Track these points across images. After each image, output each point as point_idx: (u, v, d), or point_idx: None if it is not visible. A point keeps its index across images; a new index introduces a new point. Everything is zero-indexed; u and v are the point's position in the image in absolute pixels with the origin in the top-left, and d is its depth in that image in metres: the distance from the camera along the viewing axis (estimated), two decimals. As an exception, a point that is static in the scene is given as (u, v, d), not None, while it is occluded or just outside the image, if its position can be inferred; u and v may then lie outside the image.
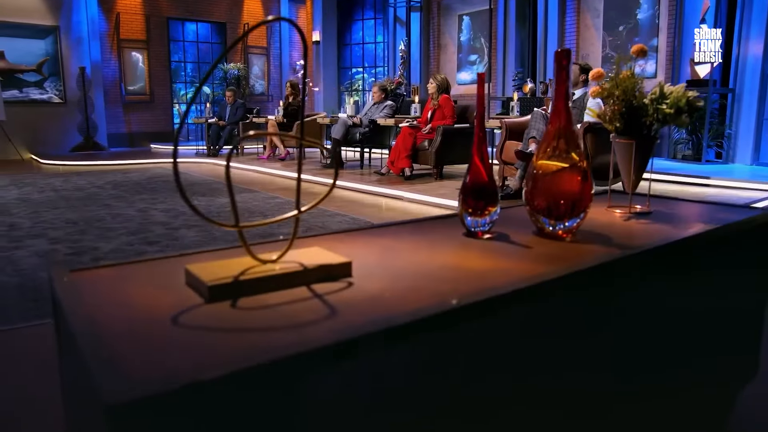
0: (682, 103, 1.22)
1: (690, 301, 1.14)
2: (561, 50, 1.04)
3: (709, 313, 1.21)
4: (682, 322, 1.14)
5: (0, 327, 2.23)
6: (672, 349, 1.10)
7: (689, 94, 1.25)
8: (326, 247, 0.94)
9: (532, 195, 1.07)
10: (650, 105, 1.25)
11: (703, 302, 1.19)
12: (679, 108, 1.22)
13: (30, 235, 3.87)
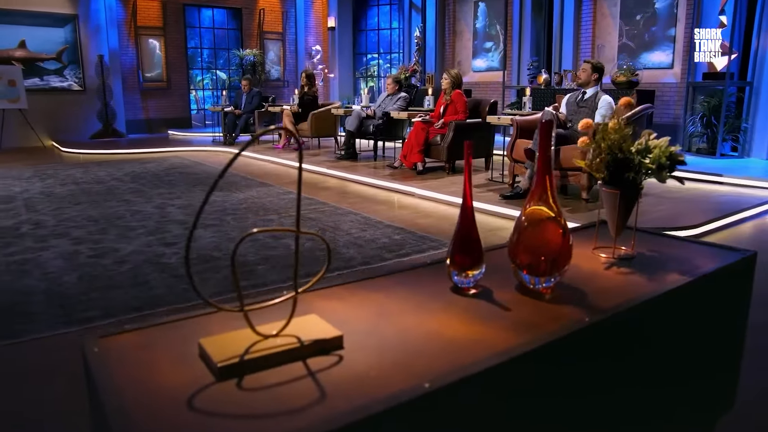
0: (663, 161, 1.29)
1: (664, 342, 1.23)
2: (545, 121, 1.12)
3: (686, 347, 1.30)
4: (658, 361, 1.23)
5: (29, 336, 2.38)
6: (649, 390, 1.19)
7: (672, 149, 1.31)
8: (324, 307, 1.03)
9: (515, 251, 1.15)
10: (635, 156, 1.32)
11: (679, 339, 1.27)
12: (661, 164, 1.29)
13: (54, 234, 4.03)
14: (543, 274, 1.13)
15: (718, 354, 1.41)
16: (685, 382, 1.30)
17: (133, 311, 2.62)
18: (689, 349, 1.28)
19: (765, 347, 2.34)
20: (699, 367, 1.35)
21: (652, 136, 1.37)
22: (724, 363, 1.44)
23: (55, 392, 1.98)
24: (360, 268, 3.25)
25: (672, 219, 4.12)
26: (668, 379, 1.23)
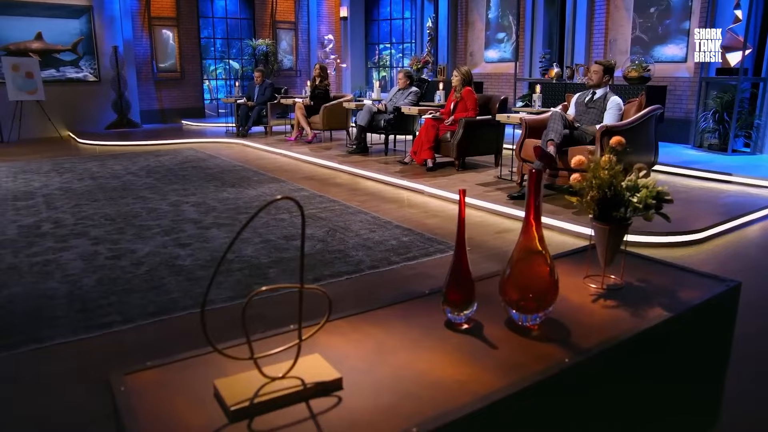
0: (649, 201, 1.35)
1: (645, 376, 1.31)
2: (535, 171, 1.19)
3: (668, 378, 1.38)
4: (639, 393, 1.31)
5: (53, 341, 2.50)
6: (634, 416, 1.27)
7: (660, 189, 1.38)
8: (327, 343, 1.12)
9: (505, 288, 1.23)
10: (625, 192, 1.39)
11: (660, 371, 1.35)
12: (647, 204, 1.36)
13: (73, 234, 4.16)
14: (530, 312, 1.21)
15: (701, 382, 1.48)
16: (666, 413, 1.39)
17: (150, 317, 2.74)
18: (671, 380, 1.36)
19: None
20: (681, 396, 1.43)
21: (641, 174, 1.44)
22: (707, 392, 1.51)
23: (76, 399, 2.10)
24: (367, 272, 3.34)
25: (678, 222, 4.15)
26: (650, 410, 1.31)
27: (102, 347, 2.47)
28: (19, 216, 4.72)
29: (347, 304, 2.86)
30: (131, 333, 2.59)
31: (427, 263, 3.50)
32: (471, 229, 4.27)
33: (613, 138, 1.49)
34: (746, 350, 2.46)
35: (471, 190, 5.26)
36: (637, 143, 4.68)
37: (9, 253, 3.71)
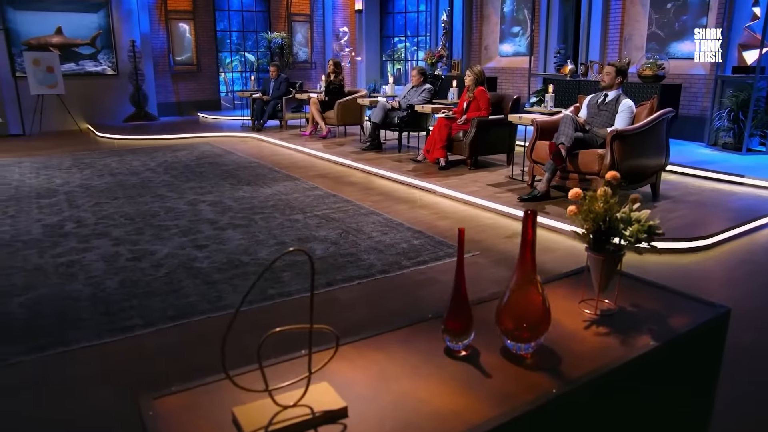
0: (641, 235, 1.43)
1: (635, 398, 1.39)
2: (530, 211, 1.27)
3: (657, 404, 1.46)
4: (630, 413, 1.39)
5: (78, 344, 2.64)
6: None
7: (651, 222, 1.45)
8: (335, 369, 1.22)
9: (501, 317, 1.32)
10: (619, 224, 1.47)
11: (649, 397, 1.43)
12: (638, 238, 1.43)
13: (95, 234, 4.31)
14: (524, 341, 1.30)
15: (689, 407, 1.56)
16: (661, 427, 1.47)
17: (170, 320, 2.87)
18: (660, 406, 1.44)
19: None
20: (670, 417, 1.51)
21: (636, 206, 1.51)
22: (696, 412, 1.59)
23: (102, 403, 2.23)
24: (378, 277, 3.44)
25: (687, 227, 4.20)
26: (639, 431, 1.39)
27: (125, 351, 2.60)
28: (43, 215, 4.87)
29: (358, 311, 2.98)
30: (152, 337, 2.72)
31: (437, 268, 3.59)
32: (481, 232, 4.34)
33: (609, 173, 1.56)
34: (749, 360, 2.53)
35: (482, 190, 5.32)
36: (648, 146, 4.71)
37: (35, 254, 3.86)
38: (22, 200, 5.42)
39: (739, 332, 2.74)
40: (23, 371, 2.43)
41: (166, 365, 2.49)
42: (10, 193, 5.71)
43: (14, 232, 4.35)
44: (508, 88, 11.33)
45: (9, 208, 5.11)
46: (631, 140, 4.55)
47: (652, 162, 4.83)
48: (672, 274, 3.52)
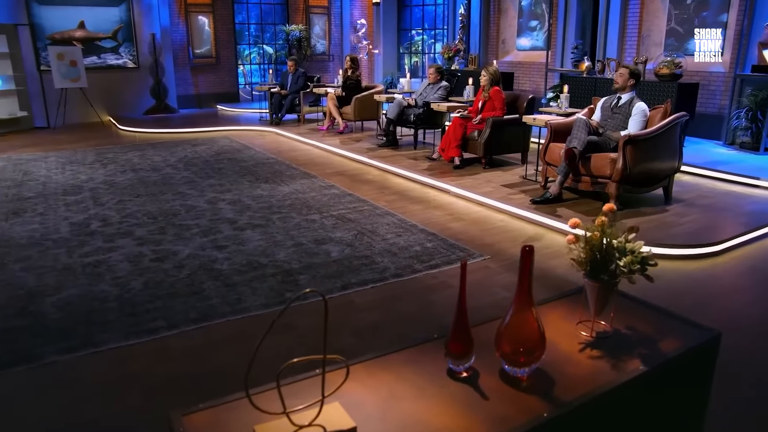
0: (634, 266, 1.52)
1: (626, 419, 1.49)
2: (527, 246, 1.37)
3: (649, 418, 1.56)
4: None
5: (107, 346, 2.79)
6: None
7: (644, 254, 1.54)
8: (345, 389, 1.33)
9: (499, 342, 1.43)
10: (615, 253, 1.56)
11: (641, 414, 1.53)
12: (632, 269, 1.52)
13: (119, 233, 4.47)
14: (520, 366, 1.40)
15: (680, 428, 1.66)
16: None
17: (192, 323, 3.01)
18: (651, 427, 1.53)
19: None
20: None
21: (631, 236, 1.60)
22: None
23: (131, 404, 2.38)
24: (391, 281, 3.55)
25: (697, 233, 4.24)
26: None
27: (151, 353, 2.74)
28: (70, 212, 5.06)
29: (372, 315, 3.10)
30: (176, 339, 2.86)
31: (448, 272, 3.70)
32: (493, 235, 4.43)
33: (606, 205, 1.64)
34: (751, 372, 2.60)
35: (495, 191, 5.40)
36: (661, 150, 4.75)
37: (64, 253, 4.04)
38: (49, 197, 5.61)
39: (739, 340, 2.82)
40: (56, 371, 2.59)
41: (190, 367, 2.63)
42: (38, 190, 5.91)
43: (44, 231, 4.54)
44: (524, 83, 11.32)
45: (38, 205, 5.31)
46: (644, 145, 4.59)
47: (665, 165, 4.86)
48: (679, 281, 3.59)
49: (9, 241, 4.30)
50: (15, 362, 2.65)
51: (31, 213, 5.05)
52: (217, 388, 2.46)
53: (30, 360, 2.66)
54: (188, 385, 2.49)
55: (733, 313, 3.20)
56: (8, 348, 2.76)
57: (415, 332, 2.94)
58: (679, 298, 3.32)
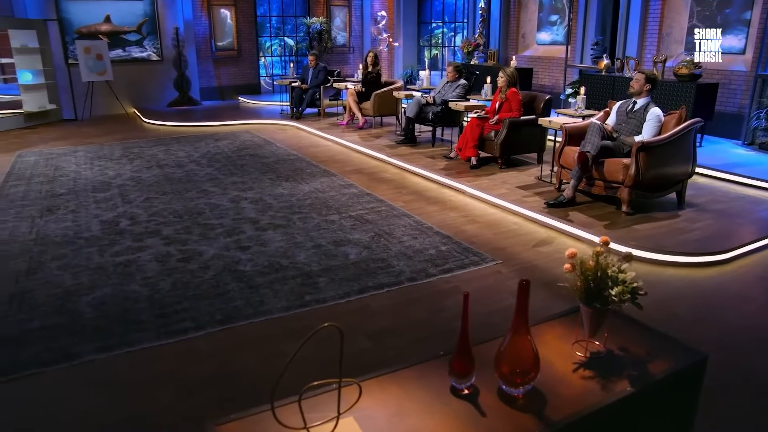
0: (624, 297, 1.65)
1: None
2: (524, 281, 1.51)
3: None
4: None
5: (140, 345, 3.00)
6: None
7: (635, 285, 1.67)
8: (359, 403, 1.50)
9: (498, 363, 1.58)
10: (607, 280, 1.69)
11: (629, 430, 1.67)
12: (622, 299, 1.65)
13: (147, 232, 4.69)
14: (515, 386, 1.56)
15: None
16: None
17: (218, 324, 3.21)
18: None
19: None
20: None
21: (624, 266, 1.73)
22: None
23: (164, 402, 2.58)
24: (406, 285, 3.71)
25: (707, 240, 4.32)
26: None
27: (182, 353, 2.94)
28: (100, 210, 5.29)
29: (386, 320, 3.26)
30: (203, 340, 3.06)
31: (461, 276, 3.84)
32: (506, 238, 4.56)
33: (602, 237, 1.77)
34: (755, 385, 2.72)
35: (510, 193, 5.51)
36: (674, 156, 4.82)
37: (96, 252, 4.26)
38: (80, 194, 5.86)
39: (735, 353, 2.93)
40: (95, 369, 2.80)
41: (216, 368, 2.82)
42: (69, 186, 6.17)
43: (76, 229, 4.77)
44: (543, 78, 11.33)
45: (69, 202, 5.55)
46: (657, 151, 4.67)
47: (678, 171, 4.93)
48: (685, 288, 3.69)
49: (45, 239, 4.54)
50: (56, 360, 2.86)
51: (64, 210, 5.29)
52: (242, 390, 2.65)
53: (70, 358, 2.88)
54: (216, 385, 2.69)
55: (734, 324, 3.30)
56: (49, 346, 2.98)
57: (426, 337, 3.10)
58: (683, 307, 3.43)
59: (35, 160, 7.50)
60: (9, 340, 3.03)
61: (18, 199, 5.70)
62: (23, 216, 5.13)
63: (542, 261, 4.12)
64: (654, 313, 3.29)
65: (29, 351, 2.93)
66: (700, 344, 2.92)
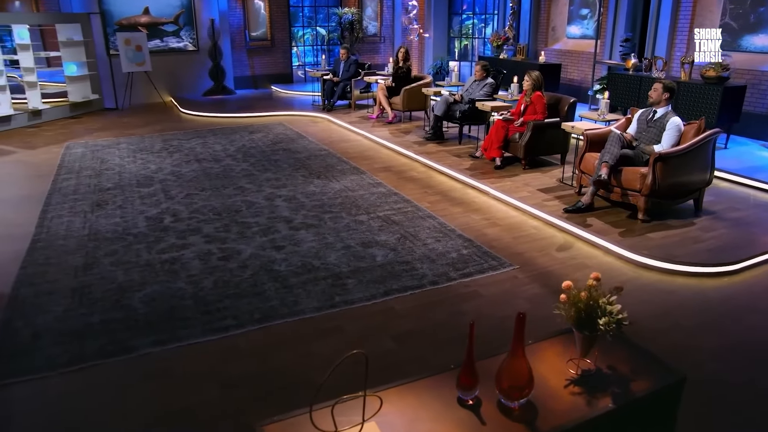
0: (610, 327, 1.91)
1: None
2: (521, 314, 1.78)
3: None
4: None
5: (188, 341, 3.36)
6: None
7: (620, 317, 1.93)
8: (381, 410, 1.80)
9: (499, 379, 1.86)
10: (597, 310, 1.95)
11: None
12: (608, 329, 1.91)
13: (189, 230, 5.06)
14: (512, 399, 1.84)
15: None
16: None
17: (256, 323, 3.55)
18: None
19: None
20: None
21: (612, 298, 1.99)
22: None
23: (212, 395, 2.93)
24: (428, 288, 4.00)
25: (719, 250, 4.49)
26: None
27: (225, 350, 3.29)
28: (144, 206, 5.69)
29: (409, 322, 3.56)
30: (243, 338, 3.40)
31: (480, 281, 4.11)
32: (524, 243, 4.80)
33: (593, 273, 2.03)
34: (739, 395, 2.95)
35: (531, 197, 5.73)
36: (692, 166, 4.97)
37: (144, 249, 4.65)
38: (125, 188, 6.27)
39: (730, 364, 3.15)
40: (150, 362, 3.17)
41: (256, 365, 3.16)
42: (115, 180, 6.59)
43: (125, 225, 5.17)
44: (572, 72, 11.38)
45: (117, 197, 5.97)
46: (674, 161, 4.83)
47: (696, 179, 5.09)
48: (690, 298, 3.89)
49: (97, 235, 4.95)
50: (116, 352, 3.24)
51: (112, 206, 5.70)
52: (279, 386, 2.98)
53: (129, 351, 3.25)
54: (256, 381, 3.03)
55: (735, 335, 3.50)
56: (110, 339, 3.37)
57: (445, 340, 3.38)
58: (687, 317, 3.65)
59: (82, 152, 7.96)
60: (76, 333, 3.42)
61: (70, 193, 6.14)
62: (76, 211, 5.56)
63: (557, 267, 4.36)
64: (657, 322, 3.54)
65: (93, 343, 3.32)
66: (699, 354, 3.17)
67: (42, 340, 3.35)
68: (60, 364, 3.13)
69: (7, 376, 3.02)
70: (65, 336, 3.39)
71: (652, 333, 3.42)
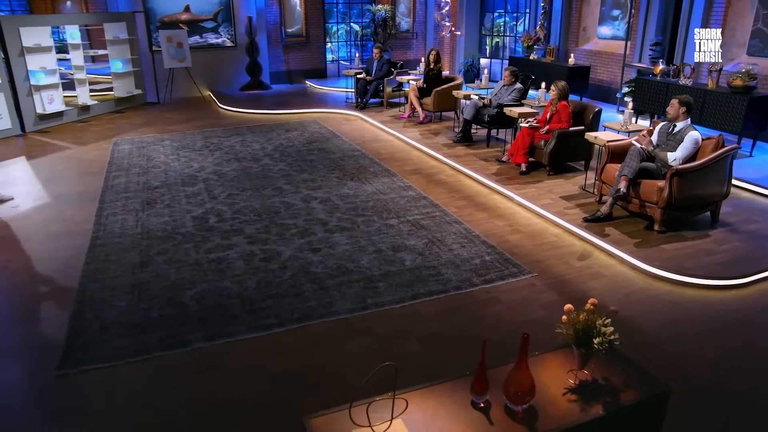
0: (603, 345, 2.23)
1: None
2: (525, 334, 2.12)
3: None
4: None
5: (236, 337, 3.77)
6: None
7: (612, 338, 2.25)
8: (408, 410, 2.16)
9: (506, 387, 2.21)
10: (593, 330, 2.28)
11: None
12: (600, 348, 2.24)
13: (233, 230, 5.48)
14: (517, 404, 2.19)
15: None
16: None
17: (296, 322, 3.95)
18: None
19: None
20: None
21: (606, 321, 2.31)
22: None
23: (259, 386, 3.34)
24: (452, 293, 4.35)
25: (730, 264, 4.71)
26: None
27: (269, 346, 3.70)
28: (190, 205, 6.14)
29: (433, 325, 3.92)
30: (285, 336, 3.81)
31: (500, 287, 4.44)
32: (545, 251, 5.10)
33: (590, 299, 2.35)
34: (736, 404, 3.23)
35: (554, 204, 6.01)
36: (709, 180, 5.19)
37: (192, 248, 5.09)
38: (171, 187, 6.74)
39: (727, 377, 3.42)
40: (204, 356, 3.60)
41: (297, 362, 3.56)
42: (162, 178, 7.07)
43: (173, 224, 5.63)
44: (602, 73, 11.49)
45: (164, 196, 6.44)
46: (691, 176, 5.06)
47: (713, 192, 5.30)
48: (695, 311, 4.14)
49: (149, 233, 5.42)
50: (174, 345, 3.68)
51: (161, 204, 6.17)
52: (318, 381, 3.37)
53: (185, 344, 3.69)
54: (298, 376, 3.43)
55: (734, 348, 3.75)
56: (168, 333, 3.81)
57: (465, 344, 3.73)
58: (690, 329, 3.91)
59: (129, 149, 8.48)
60: (138, 327, 3.87)
61: (121, 191, 6.64)
62: (128, 209, 6.04)
63: (574, 275, 4.65)
64: (661, 332, 3.83)
65: (153, 337, 3.76)
66: (700, 364, 3.45)
67: (109, 333, 3.81)
68: (127, 355, 3.58)
69: (84, 363, 3.48)
70: (129, 329, 3.84)
71: (656, 341, 3.71)
